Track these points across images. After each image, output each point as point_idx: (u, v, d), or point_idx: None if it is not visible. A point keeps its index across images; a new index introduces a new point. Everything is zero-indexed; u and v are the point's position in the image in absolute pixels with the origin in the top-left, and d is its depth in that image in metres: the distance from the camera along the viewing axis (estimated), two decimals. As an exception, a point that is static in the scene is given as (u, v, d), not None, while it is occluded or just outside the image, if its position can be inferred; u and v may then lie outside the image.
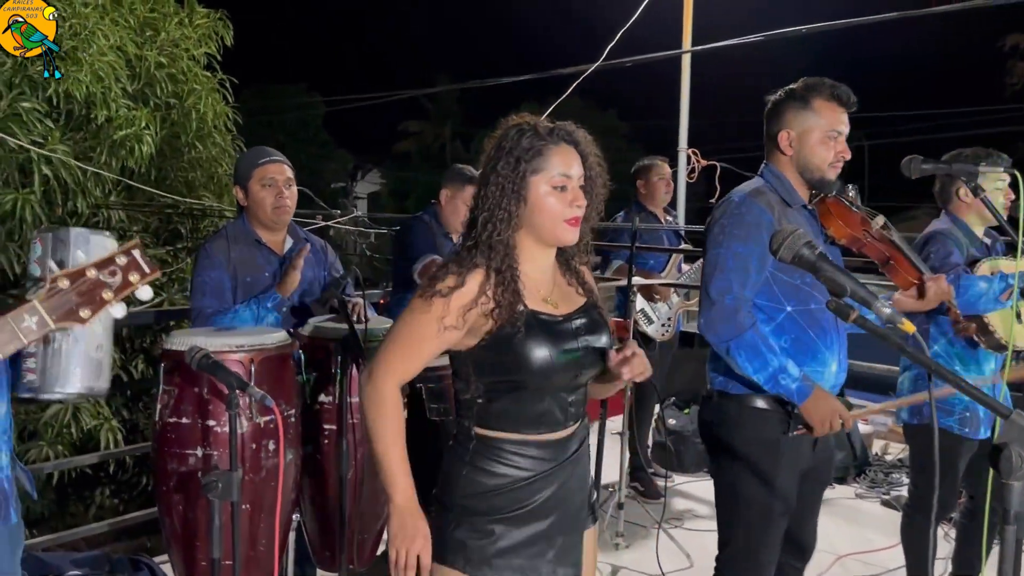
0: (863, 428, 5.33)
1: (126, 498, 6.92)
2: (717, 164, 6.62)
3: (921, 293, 2.46)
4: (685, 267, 4.74)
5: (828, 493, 2.53)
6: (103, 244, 1.79)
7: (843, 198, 2.37)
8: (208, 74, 7.25)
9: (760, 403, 2.30)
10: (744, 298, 2.24)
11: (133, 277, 1.51)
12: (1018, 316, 2.90)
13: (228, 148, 7.47)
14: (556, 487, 1.77)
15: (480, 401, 1.74)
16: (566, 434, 1.79)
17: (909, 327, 1.27)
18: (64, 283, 1.48)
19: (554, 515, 1.77)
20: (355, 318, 2.59)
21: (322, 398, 2.56)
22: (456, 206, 3.48)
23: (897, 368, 3.30)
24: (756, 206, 2.26)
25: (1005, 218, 2.98)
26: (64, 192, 5.90)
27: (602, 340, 1.80)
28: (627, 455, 4.08)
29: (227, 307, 2.68)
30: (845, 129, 2.32)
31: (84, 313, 1.49)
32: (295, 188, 2.87)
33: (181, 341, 2.27)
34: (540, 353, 1.69)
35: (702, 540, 4.01)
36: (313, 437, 2.57)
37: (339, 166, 28.41)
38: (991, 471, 2.47)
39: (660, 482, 4.73)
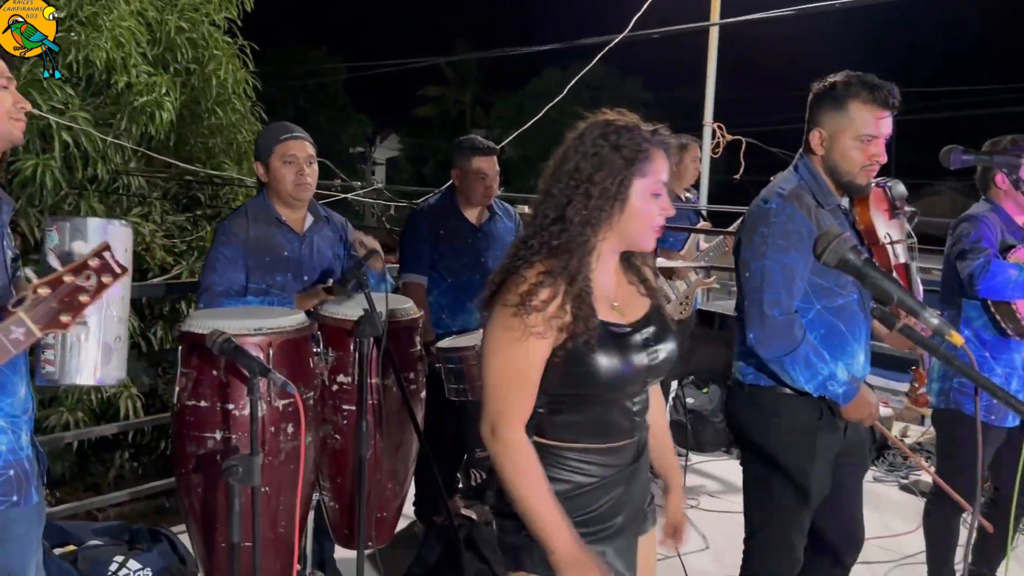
0: (882, 411, 5.29)
1: (145, 461, 7.01)
2: (742, 139, 6.52)
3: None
4: (704, 245, 4.67)
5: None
6: (120, 235, 1.77)
7: (891, 195, 2.31)
8: (229, 39, 7.18)
9: (793, 391, 2.29)
10: (794, 311, 2.23)
11: (106, 278, 1.57)
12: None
13: (248, 115, 7.40)
14: (620, 492, 1.72)
15: (541, 411, 1.67)
16: (629, 442, 1.74)
17: (958, 340, 1.22)
18: (45, 291, 1.53)
19: (617, 519, 1.72)
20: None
21: (341, 378, 2.54)
22: (470, 181, 3.41)
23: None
24: (797, 213, 2.19)
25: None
26: (84, 158, 5.88)
27: (669, 347, 1.75)
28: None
29: (238, 289, 2.66)
30: (884, 131, 2.21)
31: (65, 318, 1.55)
32: (316, 165, 2.83)
33: (200, 324, 2.25)
34: (611, 367, 1.62)
35: (717, 521, 4.00)
36: (332, 418, 2.56)
37: (358, 130, 28.29)
38: (1020, 460, 2.47)
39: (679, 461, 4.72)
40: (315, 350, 2.50)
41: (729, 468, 4.76)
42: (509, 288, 1.61)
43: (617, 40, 5.73)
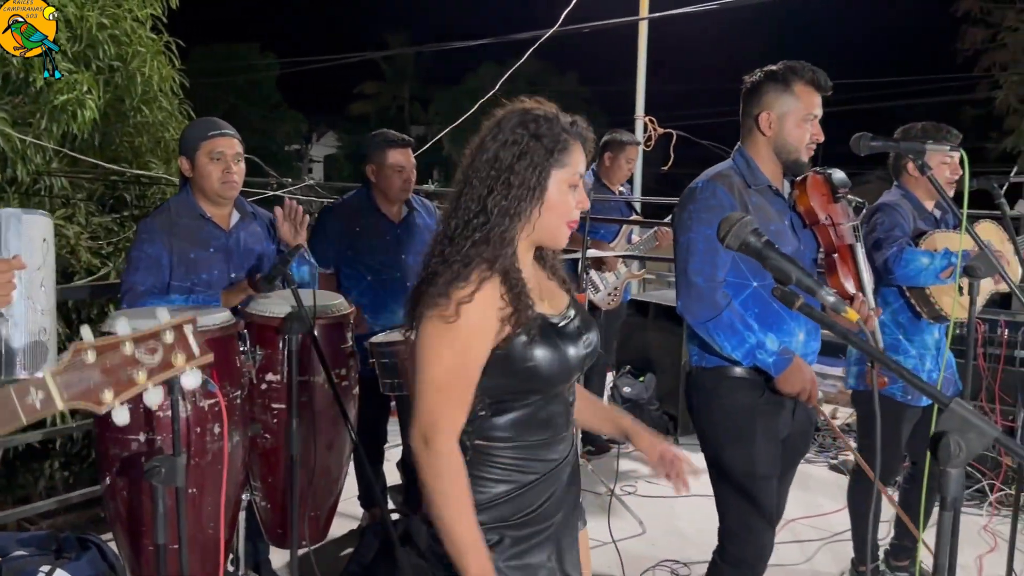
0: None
1: (77, 470, 6.81)
2: (673, 132, 6.62)
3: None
4: (635, 238, 4.75)
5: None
6: (37, 224, 1.72)
7: (830, 180, 2.41)
8: (153, 36, 7.01)
9: (736, 371, 2.38)
10: (718, 279, 2.32)
11: (177, 359, 1.26)
12: (960, 290, 2.96)
13: (175, 112, 7.25)
14: (559, 488, 1.70)
15: (482, 414, 1.60)
16: (566, 434, 1.71)
17: (853, 316, 1.28)
18: (90, 357, 1.22)
19: (557, 516, 1.70)
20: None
21: (269, 377, 2.52)
22: (386, 175, 3.36)
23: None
24: (719, 189, 2.32)
25: (952, 192, 3.04)
26: (2, 159, 5.69)
27: (595, 336, 1.74)
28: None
29: (161, 288, 2.61)
30: (820, 112, 2.37)
31: (106, 396, 1.22)
32: (243, 163, 2.78)
33: (119, 324, 2.19)
34: (553, 359, 1.58)
35: (654, 506, 4.07)
36: (261, 417, 2.53)
37: (292, 128, 27.82)
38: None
39: (613, 448, 4.79)
40: (242, 348, 2.47)
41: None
42: (441, 286, 1.54)
43: (547, 35, 5.77)
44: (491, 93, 6.01)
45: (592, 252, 3.92)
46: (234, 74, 24.54)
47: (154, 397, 1.28)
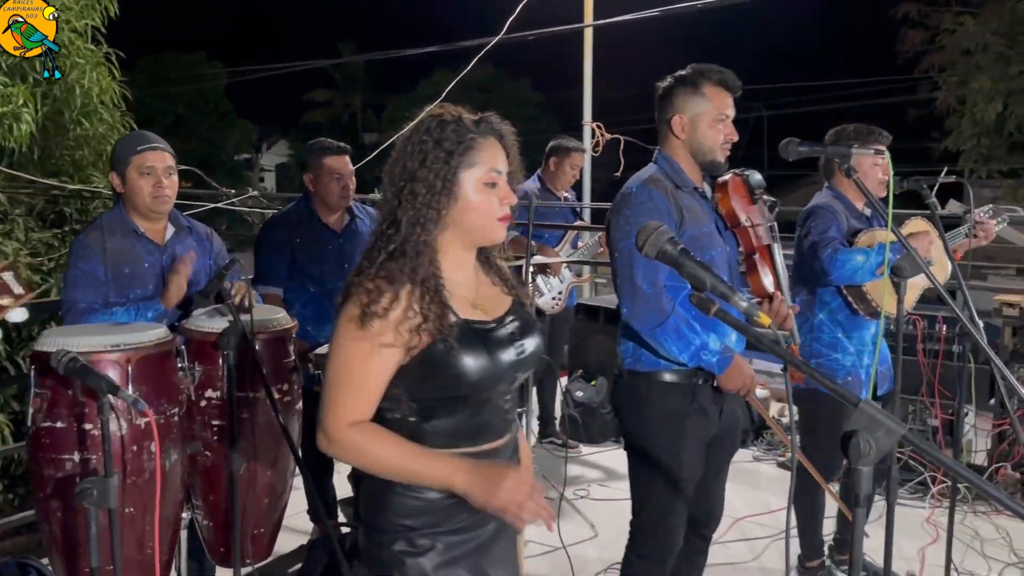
0: (760, 393, 5.53)
1: (22, 492, 6.63)
2: (620, 137, 6.69)
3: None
4: (580, 243, 4.79)
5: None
6: None
7: (748, 182, 2.45)
8: (93, 47, 6.86)
9: (667, 377, 2.42)
10: (661, 284, 2.34)
11: (5, 300, 1.45)
12: (897, 287, 3.03)
13: (117, 124, 7.08)
14: None
15: (412, 420, 1.61)
16: (503, 442, 1.71)
17: (765, 320, 1.31)
18: None
19: (491, 525, 1.68)
20: (239, 302, 2.51)
21: (209, 393, 2.48)
22: (325, 183, 3.36)
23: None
24: (655, 193, 2.35)
25: (885, 192, 3.12)
26: (-66, 175, 5.53)
27: (535, 341, 1.73)
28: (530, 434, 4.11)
29: (101, 304, 2.57)
30: (731, 112, 2.42)
31: None
32: (176, 176, 2.75)
33: (50, 342, 2.16)
34: (478, 365, 1.58)
35: (607, 510, 4.10)
36: (201, 434, 2.50)
37: (242, 137, 27.45)
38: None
39: (561, 455, 4.82)
40: (181, 365, 2.44)
41: (617, 457, 4.88)
42: (351, 299, 1.56)
43: (492, 43, 5.80)
44: (436, 103, 6.00)
45: (538, 258, 3.95)
46: (181, 84, 24.16)
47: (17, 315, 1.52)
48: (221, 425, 2.47)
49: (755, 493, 4.31)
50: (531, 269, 3.90)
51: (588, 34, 6.51)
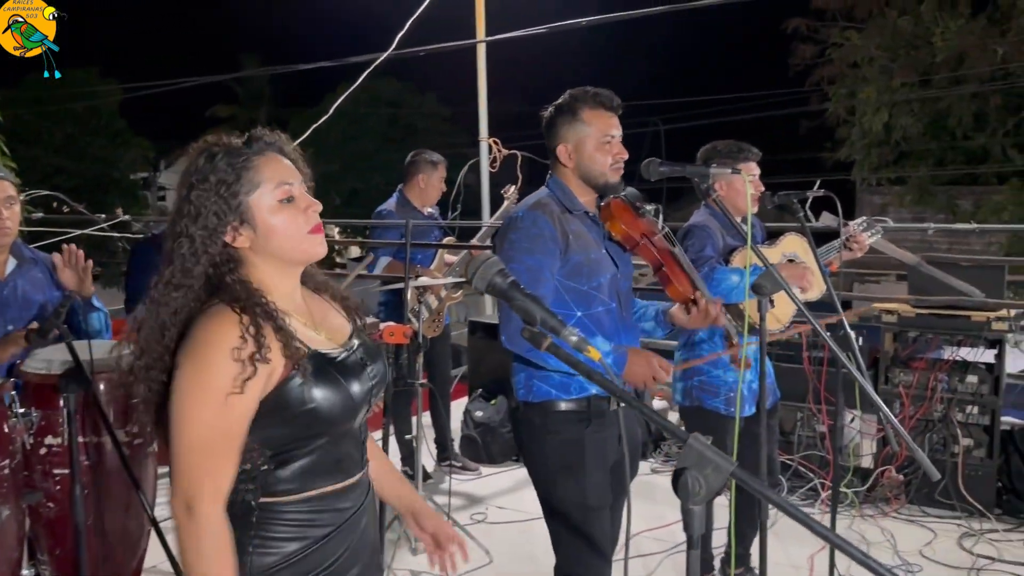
0: (657, 404, 5.57)
1: None
2: (518, 153, 6.67)
3: (689, 311, 2.50)
4: (450, 258, 4.72)
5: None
6: None
7: (628, 200, 2.42)
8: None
9: (562, 406, 2.36)
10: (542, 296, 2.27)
11: None
12: (772, 303, 3.07)
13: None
14: (353, 540, 1.59)
15: (265, 468, 1.48)
16: (360, 476, 1.62)
17: (595, 355, 1.26)
18: None
19: (354, 569, 1.59)
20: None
21: (49, 440, 2.31)
22: None
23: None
24: (541, 218, 2.31)
25: (756, 207, 3.16)
26: None
27: (383, 362, 1.65)
28: (420, 460, 3.99)
29: None
30: (616, 132, 2.39)
31: None
32: (17, 207, 2.57)
33: None
34: (334, 398, 1.48)
35: (503, 534, 4.03)
36: (42, 484, 2.31)
37: (138, 155, 26.44)
38: (759, 445, 2.65)
39: (460, 478, 4.75)
40: (18, 410, 2.26)
41: (517, 476, 4.83)
42: (190, 340, 1.43)
43: (382, 58, 5.71)
44: (323, 120, 5.92)
45: (423, 280, 3.86)
46: (71, 102, 23.12)
47: None
48: (64, 474, 2.29)
49: (651, 507, 4.30)
50: (423, 295, 3.82)
51: (481, 50, 6.49)
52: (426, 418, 4.85)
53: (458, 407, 5.40)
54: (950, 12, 15.96)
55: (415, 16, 5.99)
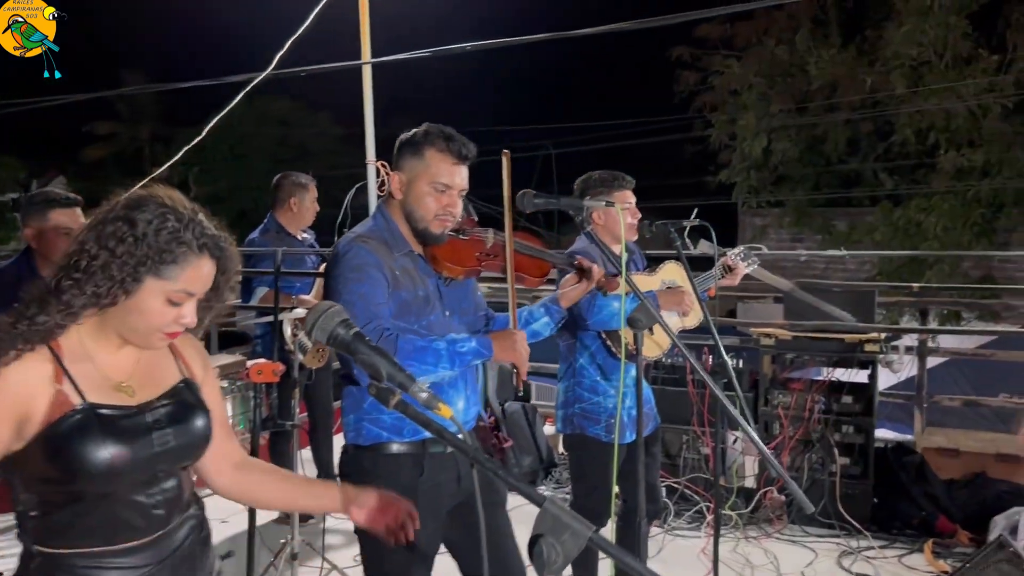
0: (548, 430, 5.52)
1: None
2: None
3: (582, 276, 2.41)
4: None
5: (514, 500, 2.48)
6: None
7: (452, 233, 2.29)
8: None
9: (394, 448, 2.22)
10: (382, 320, 2.13)
11: None
12: (651, 330, 3.06)
13: None
14: None
15: (34, 514, 1.46)
16: (153, 537, 1.51)
17: (447, 412, 1.17)
18: None
19: None
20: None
21: None
22: (50, 240, 2.99)
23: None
24: (363, 249, 2.17)
25: (635, 235, 3.17)
26: None
27: (195, 426, 1.55)
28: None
29: None
30: (457, 183, 2.23)
31: None
32: None
33: None
34: (99, 456, 1.41)
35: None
36: None
37: (7, 175, 24.95)
38: (639, 472, 2.60)
39: (340, 517, 4.54)
40: None
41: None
42: None
43: (261, 78, 5.49)
44: (198, 139, 5.64)
45: (298, 311, 3.68)
46: (-72, 118, 21.63)
47: None
48: None
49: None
50: (288, 327, 3.65)
51: (367, 71, 6.35)
52: (308, 453, 4.64)
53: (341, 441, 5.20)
54: (823, 42, 16.84)
55: (295, 36, 5.80)
